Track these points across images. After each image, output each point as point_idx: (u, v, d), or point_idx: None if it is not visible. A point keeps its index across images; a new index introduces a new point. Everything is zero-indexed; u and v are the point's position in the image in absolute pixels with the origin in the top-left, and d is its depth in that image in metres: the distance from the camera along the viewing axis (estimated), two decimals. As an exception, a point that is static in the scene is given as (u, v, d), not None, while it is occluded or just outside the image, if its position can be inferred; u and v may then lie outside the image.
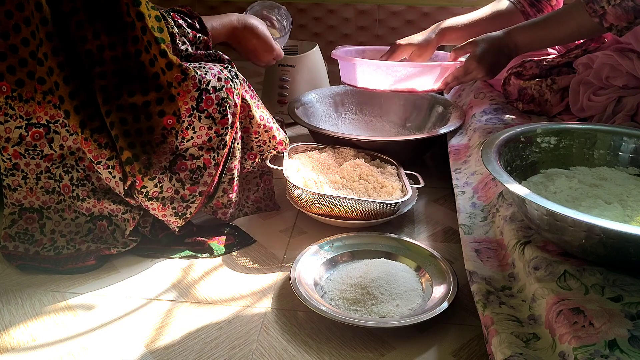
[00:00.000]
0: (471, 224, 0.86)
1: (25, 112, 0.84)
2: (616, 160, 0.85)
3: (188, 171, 0.87)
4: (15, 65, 0.82)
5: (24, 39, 0.81)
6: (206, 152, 0.88)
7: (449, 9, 1.94)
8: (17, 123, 0.84)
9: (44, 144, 0.85)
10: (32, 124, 0.84)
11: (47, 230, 0.90)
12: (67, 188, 0.88)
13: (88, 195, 0.88)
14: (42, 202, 0.89)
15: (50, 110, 0.83)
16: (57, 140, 0.85)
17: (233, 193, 0.97)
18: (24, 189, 0.88)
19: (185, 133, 0.84)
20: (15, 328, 0.76)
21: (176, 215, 0.89)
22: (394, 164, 1.11)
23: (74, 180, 0.88)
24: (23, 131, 0.84)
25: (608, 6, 0.89)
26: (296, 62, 1.45)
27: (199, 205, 0.91)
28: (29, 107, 0.83)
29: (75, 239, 0.90)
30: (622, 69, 1.00)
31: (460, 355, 0.72)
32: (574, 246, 0.67)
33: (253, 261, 0.92)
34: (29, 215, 0.89)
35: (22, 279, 0.86)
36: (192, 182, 0.88)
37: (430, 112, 1.33)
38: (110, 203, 0.89)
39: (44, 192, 0.89)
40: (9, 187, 0.88)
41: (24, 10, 0.79)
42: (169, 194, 0.87)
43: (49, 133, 0.85)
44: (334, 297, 0.80)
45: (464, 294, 0.80)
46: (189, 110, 0.84)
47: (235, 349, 0.73)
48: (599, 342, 0.56)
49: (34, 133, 0.84)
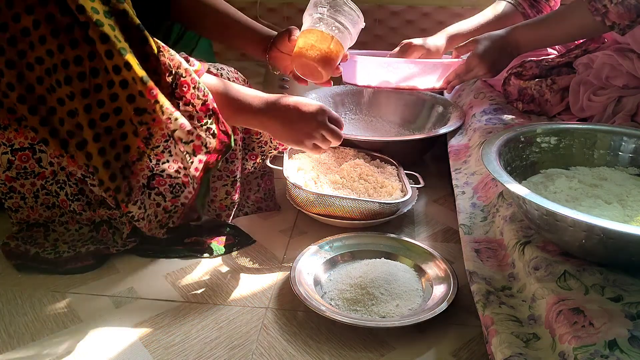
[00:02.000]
0: (471, 224, 0.86)
1: (6, 139, 0.83)
2: (616, 160, 0.85)
3: (167, 186, 0.85)
4: None
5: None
6: (184, 176, 0.84)
7: (449, 9, 1.94)
8: (2, 150, 0.84)
9: (34, 164, 0.86)
10: (16, 149, 0.84)
11: (51, 239, 0.91)
12: (65, 202, 0.89)
13: (84, 209, 0.90)
14: (46, 217, 0.91)
15: (29, 133, 0.83)
16: (45, 159, 0.86)
17: (236, 195, 0.97)
18: (25, 209, 0.89)
19: (160, 156, 0.80)
20: (15, 328, 0.76)
21: (161, 227, 0.89)
22: (394, 164, 1.11)
23: (68, 195, 0.88)
24: (10, 156, 0.84)
25: (610, 4, 0.88)
26: (296, 62, 1.45)
27: (181, 215, 0.89)
28: (9, 134, 0.83)
29: (77, 244, 0.90)
30: (622, 69, 1.00)
31: (460, 355, 0.72)
32: (574, 246, 0.67)
33: (253, 261, 0.92)
34: (36, 229, 0.91)
35: (22, 279, 0.86)
36: (172, 196, 0.87)
37: (430, 112, 1.32)
38: (106, 210, 0.90)
39: (45, 209, 0.90)
40: (10, 209, 0.89)
41: None
42: (152, 209, 0.86)
43: (35, 153, 0.85)
44: (334, 297, 0.80)
45: (464, 294, 0.80)
46: (165, 136, 0.77)
47: (235, 349, 0.73)
48: (599, 342, 0.56)
49: (21, 156, 0.85)
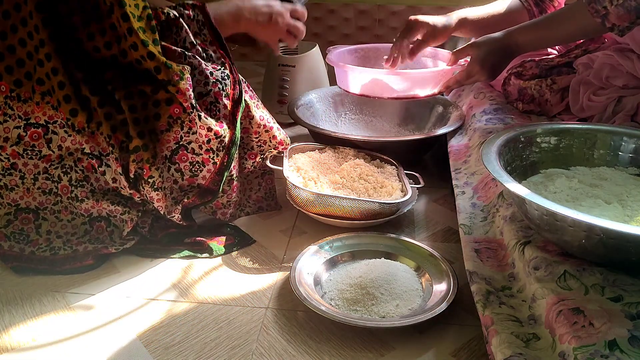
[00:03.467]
0: (471, 224, 0.86)
1: (23, 112, 0.84)
2: (616, 160, 0.85)
3: (188, 163, 0.88)
4: (13, 66, 0.82)
5: (21, 39, 0.81)
6: (205, 152, 0.88)
7: (448, 9, 1.93)
8: (15, 123, 0.84)
9: (42, 144, 0.85)
10: (31, 124, 0.84)
11: (43, 231, 0.89)
12: (66, 189, 0.88)
13: (87, 196, 0.88)
14: (38, 203, 0.89)
15: (49, 111, 0.83)
16: (55, 141, 0.85)
17: (233, 193, 0.96)
18: (20, 189, 0.88)
19: (193, 124, 0.85)
20: (15, 328, 0.76)
21: (176, 204, 0.90)
22: (394, 164, 1.11)
23: (72, 181, 0.88)
24: (21, 131, 0.84)
25: (610, 6, 0.88)
26: (296, 62, 1.45)
27: (195, 198, 0.92)
28: (28, 107, 0.83)
29: (72, 240, 0.90)
30: (622, 69, 1.00)
31: (460, 355, 0.72)
32: (574, 246, 0.67)
33: (253, 261, 0.92)
34: (25, 215, 0.89)
35: (22, 279, 0.86)
36: (191, 174, 0.89)
37: (430, 112, 1.32)
38: (109, 204, 0.89)
39: (40, 193, 0.88)
40: (5, 186, 0.87)
41: (21, 11, 0.80)
42: (169, 184, 0.88)
43: (48, 133, 0.85)
44: (334, 297, 0.80)
45: (464, 294, 0.80)
46: (189, 108, 0.84)
47: (235, 349, 0.73)
48: (599, 342, 0.56)
49: (33, 133, 0.84)
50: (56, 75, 0.81)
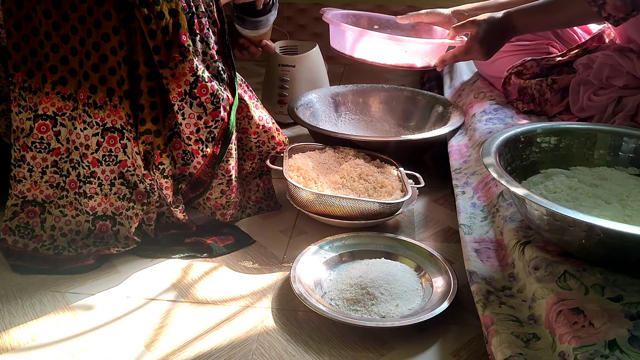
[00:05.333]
0: (471, 224, 0.86)
1: (33, 104, 0.84)
2: (616, 160, 0.85)
3: (181, 151, 0.89)
4: (27, 56, 0.82)
5: (34, 27, 0.81)
6: (194, 142, 0.88)
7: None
8: (27, 115, 0.84)
9: (51, 137, 0.85)
10: (39, 115, 0.84)
11: (48, 226, 0.89)
12: (74, 184, 0.88)
13: (96, 192, 0.88)
14: (45, 196, 0.89)
15: (58, 102, 0.83)
16: (64, 133, 0.85)
17: (232, 194, 0.96)
18: (28, 182, 0.88)
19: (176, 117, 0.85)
20: (15, 328, 0.76)
21: (174, 194, 0.91)
22: (394, 164, 1.11)
23: (80, 176, 0.87)
24: (32, 123, 0.84)
25: None
26: (296, 62, 1.45)
27: (187, 188, 0.93)
28: (37, 99, 0.84)
29: (77, 239, 0.90)
30: (622, 69, 1.00)
31: (460, 355, 0.72)
32: (574, 246, 0.67)
33: (253, 261, 0.92)
34: (31, 208, 0.89)
35: (22, 279, 0.86)
36: (183, 163, 0.90)
37: (430, 112, 1.32)
38: (116, 199, 0.88)
39: (48, 186, 0.88)
40: (14, 177, 0.88)
41: None
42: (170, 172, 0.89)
43: (56, 126, 0.85)
44: (334, 297, 0.80)
45: (464, 294, 0.80)
46: (181, 95, 0.83)
47: (235, 349, 0.73)
48: (599, 342, 0.56)
49: (40, 125, 0.84)
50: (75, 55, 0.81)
